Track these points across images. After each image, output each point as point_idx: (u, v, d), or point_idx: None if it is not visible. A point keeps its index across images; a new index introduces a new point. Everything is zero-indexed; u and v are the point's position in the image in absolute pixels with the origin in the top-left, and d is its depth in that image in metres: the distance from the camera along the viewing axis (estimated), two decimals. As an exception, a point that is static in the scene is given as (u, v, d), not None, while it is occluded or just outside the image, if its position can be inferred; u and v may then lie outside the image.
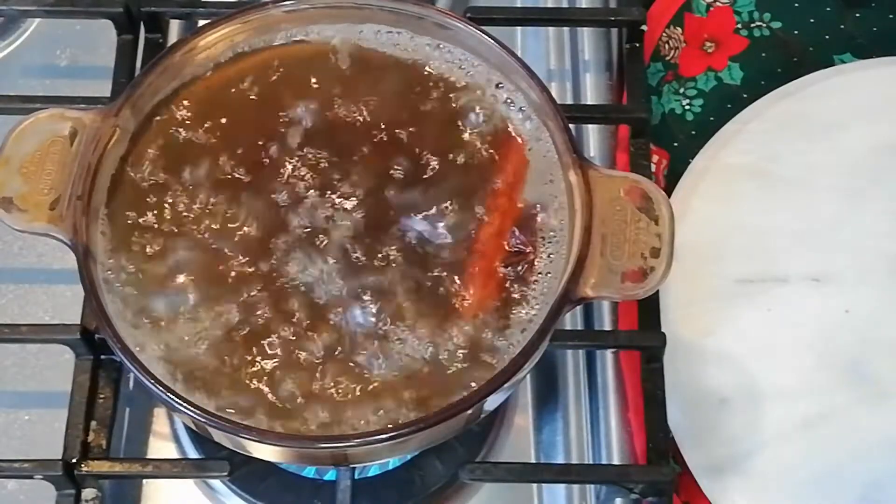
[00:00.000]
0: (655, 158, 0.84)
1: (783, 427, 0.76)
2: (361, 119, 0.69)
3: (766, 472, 0.74)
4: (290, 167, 0.68)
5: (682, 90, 0.88)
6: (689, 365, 0.77)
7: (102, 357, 0.74)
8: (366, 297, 0.65)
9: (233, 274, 0.65)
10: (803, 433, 0.76)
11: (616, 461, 0.75)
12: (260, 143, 0.69)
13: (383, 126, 0.69)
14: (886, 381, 0.77)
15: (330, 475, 0.75)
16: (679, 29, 0.89)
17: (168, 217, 0.67)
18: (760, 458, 0.75)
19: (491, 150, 0.68)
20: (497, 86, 0.70)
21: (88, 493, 0.71)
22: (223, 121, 0.70)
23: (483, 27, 0.71)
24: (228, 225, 0.67)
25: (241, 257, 0.66)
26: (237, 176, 0.68)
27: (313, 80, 0.71)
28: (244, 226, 0.67)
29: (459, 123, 0.69)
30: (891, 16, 0.90)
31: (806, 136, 0.84)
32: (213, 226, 0.67)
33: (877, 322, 0.78)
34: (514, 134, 0.69)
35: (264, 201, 0.67)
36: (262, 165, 0.68)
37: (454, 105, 0.70)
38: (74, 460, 0.70)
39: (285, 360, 0.64)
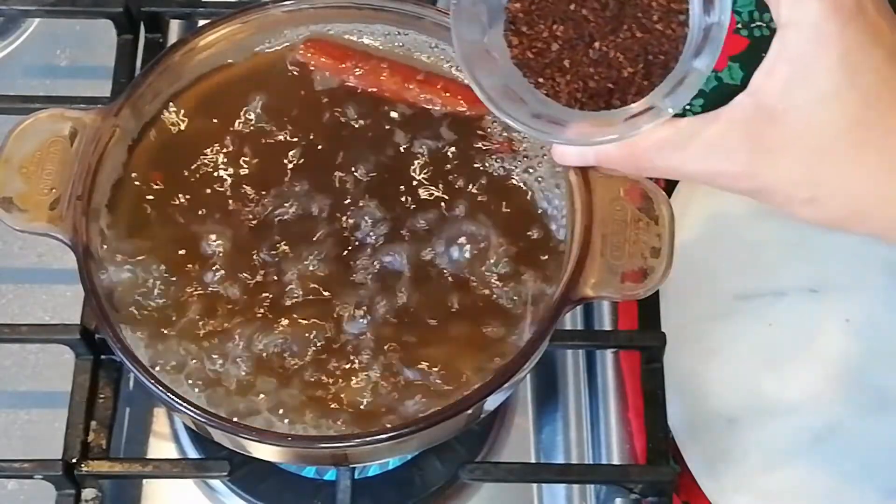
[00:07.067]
0: (655, 158, 0.83)
1: (793, 443, 0.76)
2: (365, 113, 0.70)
3: (780, 491, 0.74)
4: (292, 163, 0.69)
5: (682, 90, 0.88)
6: (695, 388, 0.77)
7: (102, 357, 0.74)
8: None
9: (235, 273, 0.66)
10: (814, 448, 0.75)
11: (616, 461, 0.75)
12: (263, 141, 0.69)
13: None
14: (891, 388, 0.77)
15: (330, 475, 0.75)
16: (679, 29, 0.89)
17: (170, 215, 0.67)
18: (773, 476, 0.75)
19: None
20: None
21: (88, 493, 0.71)
22: (228, 119, 0.70)
23: (483, 27, 0.71)
24: (232, 223, 0.67)
25: (243, 257, 0.66)
26: (241, 173, 0.68)
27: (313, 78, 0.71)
28: (247, 225, 0.67)
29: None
30: (891, 16, 0.90)
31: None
32: (217, 224, 0.67)
33: (877, 329, 0.78)
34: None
35: (268, 198, 0.68)
36: (266, 164, 0.69)
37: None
38: (74, 460, 0.70)
39: (287, 359, 0.64)
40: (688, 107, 0.87)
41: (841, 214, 0.55)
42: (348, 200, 0.67)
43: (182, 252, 0.66)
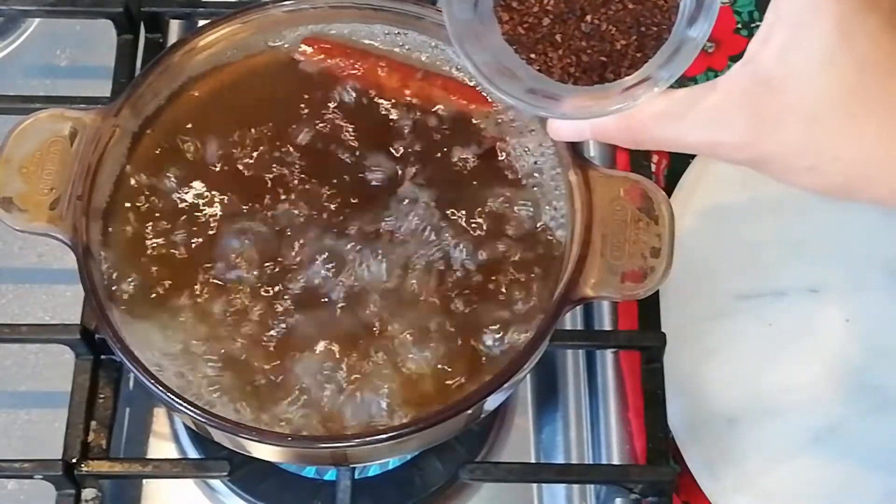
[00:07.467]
0: (655, 158, 0.84)
1: (793, 443, 0.75)
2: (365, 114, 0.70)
3: (780, 491, 0.74)
4: (292, 163, 0.69)
5: (682, 90, 0.88)
6: (695, 388, 0.77)
7: (102, 357, 0.74)
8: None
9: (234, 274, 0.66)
10: (814, 448, 0.75)
11: (616, 461, 0.75)
12: (266, 139, 0.70)
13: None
14: (891, 388, 0.77)
15: (330, 475, 0.75)
16: (679, 29, 0.89)
17: (171, 215, 0.67)
18: (773, 476, 0.74)
19: None
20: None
21: (88, 493, 0.71)
22: (226, 118, 0.70)
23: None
24: (232, 221, 0.67)
25: (241, 258, 0.66)
26: (241, 172, 0.69)
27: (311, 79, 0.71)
28: (248, 224, 0.67)
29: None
30: (891, 16, 0.90)
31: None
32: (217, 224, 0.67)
33: (877, 329, 0.78)
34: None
35: (270, 199, 0.68)
36: (265, 161, 0.69)
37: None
38: (74, 460, 0.70)
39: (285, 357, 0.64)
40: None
41: (841, 182, 0.55)
42: (346, 198, 0.67)
43: (183, 251, 0.66)
